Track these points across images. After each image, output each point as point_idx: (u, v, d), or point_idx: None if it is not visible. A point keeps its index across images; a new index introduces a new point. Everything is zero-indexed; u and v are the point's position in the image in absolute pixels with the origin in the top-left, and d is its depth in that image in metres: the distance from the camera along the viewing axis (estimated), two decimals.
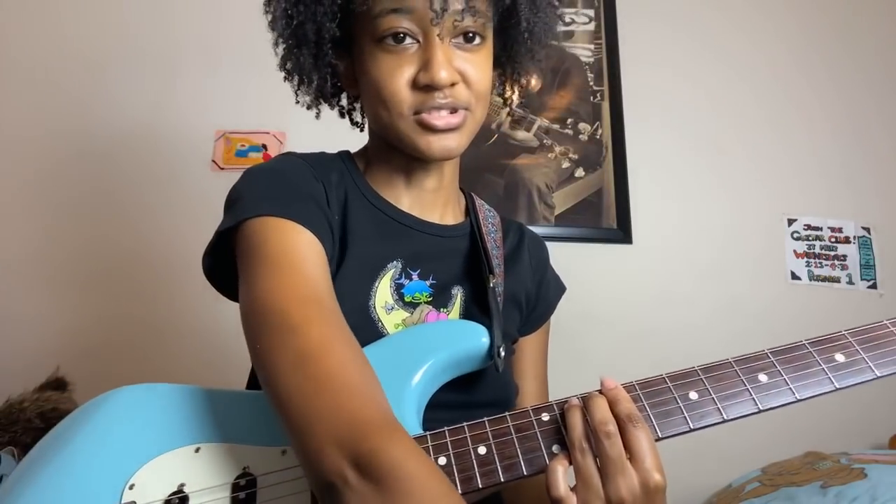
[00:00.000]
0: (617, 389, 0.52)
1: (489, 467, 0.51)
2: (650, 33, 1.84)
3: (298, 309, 0.52)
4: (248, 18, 1.72)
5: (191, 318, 1.49)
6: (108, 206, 1.57)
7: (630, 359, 1.56)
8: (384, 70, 0.61)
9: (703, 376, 0.55)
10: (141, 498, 0.52)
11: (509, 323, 0.74)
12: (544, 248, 0.86)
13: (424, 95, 0.61)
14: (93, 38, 1.67)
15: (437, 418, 0.60)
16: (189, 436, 0.56)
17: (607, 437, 0.48)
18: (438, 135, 0.63)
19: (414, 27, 0.60)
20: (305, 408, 0.45)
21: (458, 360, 0.62)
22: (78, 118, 1.62)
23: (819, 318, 1.64)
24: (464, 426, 0.53)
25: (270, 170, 0.66)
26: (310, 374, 0.47)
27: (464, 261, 0.73)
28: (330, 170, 0.70)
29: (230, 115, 1.64)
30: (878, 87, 1.85)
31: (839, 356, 0.55)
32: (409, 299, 0.67)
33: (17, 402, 1.14)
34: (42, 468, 0.55)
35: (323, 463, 0.43)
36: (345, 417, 0.44)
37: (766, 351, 0.55)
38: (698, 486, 1.34)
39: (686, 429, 0.52)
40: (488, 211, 0.81)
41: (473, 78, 0.63)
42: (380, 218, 0.70)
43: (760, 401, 0.53)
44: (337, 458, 0.42)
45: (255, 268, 0.56)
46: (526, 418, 0.54)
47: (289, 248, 0.57)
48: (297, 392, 0.46)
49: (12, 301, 1.49)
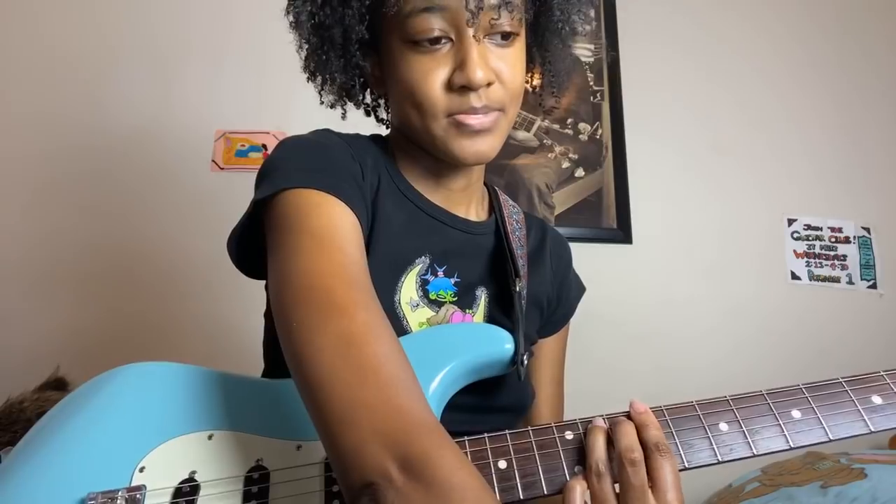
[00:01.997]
0: (647, 414, 0.51)
1: (508, 483, 0.50)
2: (650, 34, 1.84)
3: (345, 290, 0.48)
4: (249, 19, 1.72)
5: (192, 318, 1.49)
6: (108, 206, 1.57)
7: (630, 359, 1.56)
8: (417, 72, 0.58)
9: (735, 407, 0.53)
10: (151, 482, 0.51)
11: (531, 326, 0.73)
12: (567, 249, 0.83)
13: (460, 98, 0.58)
14: (93, 38, 1.67)
15: (452, 420, 0.58)
16: (202, 421, 0.55)
17: (632, 464, 0.47)
18: (472, 139, 0.60)
19: (447, 26, 0.57)
20: (347, 397, 0.41)
21: (480, 366, 0.60)
22: (78, 118, 1.62)
23: (819, 318, 1.64)
24: (485, 437, 0.52)
25: (311, 142, 0.63)
26: (354, 362, 0.43)
27: (488, 260, 0.71)
28: (366, 152, 0.67)
29: (230, 115, 1.64)
30: (878, 87, 1.85)
31: (876, 398, 0.53)
32: (434, 297, 0.65)
33: (17, 402, 1.14)
34: (50, 440, 0.54)
35: (365, 459, 0.39)
36: (392, 414, 0.40)
37: (801, 386, 0.54)
38: (698, 486, 1.33)
39: (714, 461, 0.50)
40: (512, 207, 0.78)
41: (508, 76, 0.60)
42: (410, 209, 0.67)
43: (792, 438, 0.51)
44: (382, 456, 0.38)
45: (296, 241, 0.52)
46: (549, 435, 0.52)
47: (334, 225, 0.53)
48: (338, 379, 0.42)
49: (12, 301, 1.49)
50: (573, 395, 0.84)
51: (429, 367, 0.57)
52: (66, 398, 0.58)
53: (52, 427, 0.56)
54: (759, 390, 0.54)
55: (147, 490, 0.51)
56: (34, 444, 0.55)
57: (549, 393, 0.77)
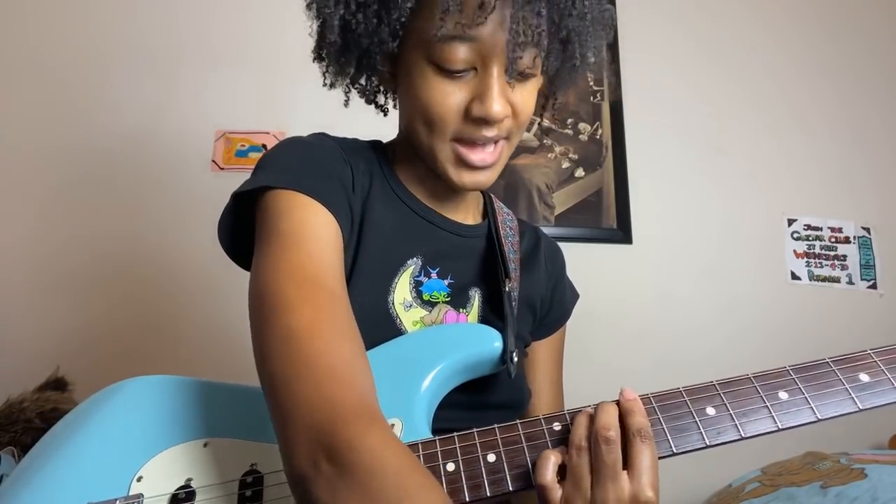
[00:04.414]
0: (634, 402, 0.51)
1: (498, 475, 0.50)
2: (650, 34, 1.84)
3: (295, 289, 0.50)
4: (249, 19, 1.72)
5: (192, 318, 1.49)
6: (108, 206, 1.57)
7: (630, 359, 1.56)
8: (437, 92, 0.58)
9: (721, 391, 0.53)
10: (149, 490, 0.53)
11: (523, 326, 0.74)
12: (560, 254, 0.85)
13: (473, 127, 0.59)
14: (93, 38, 1.67)
15: (448, 418, 0.59)
16: (198, 430, 0.57)
17: (606, 441, 0.48)
18: (472, 171, 0.62)
19: (474, 57, 0.57)
20: (285, 393, 0.44)
21: (470, 364, 0.61)
22: (78, 118, 1.62)
23: (819, 318, 1.64)
24: (473, 432, 0.53)
25: (302, 143, 0.65)
26: (293, 357, 0.45)
27: (480, 262, 0.72)
28: (359, 156, 0.69)
29: (230, 115, 1.64)
30: (879, 87, 1.85)
31: (863, 376, 0.53)
32: (428, 297, 0.67)
33: (17, 402, 1.14)
34: (53, 455, 0.56)
35: (299, 452, 0.41)
36: (322, 405, 0.42)
37: (788, 367, 0.54)
38: (698, 486, 1.33)
39: (702, 445, 0.51)
40: (507, 214, 0.80)
41: (521, 108, 0.61)
42: (403, 211, 0.69)
43: (780, 419, 0.51)
44: (312, 449, 0.40)
45: (266, 244, 0.55)
46: (537, 427, 0.53)
47: (302, 227, 0.56)
48: (279, 375, 0.45)
49: (12, 301, 1.49)
50: (573, 395, 0.84)
51: (421, 367, 0.59)
52: (70, 415, 0.61)
53: (55, 443, 0.58)
54: (746, 374, 0.54)
55: (144, 498, 0.53)
56: (39, 458, 0.57)
57: (548, 396, 0.78)
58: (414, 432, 0.55)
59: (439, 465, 0.51)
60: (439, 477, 0.50)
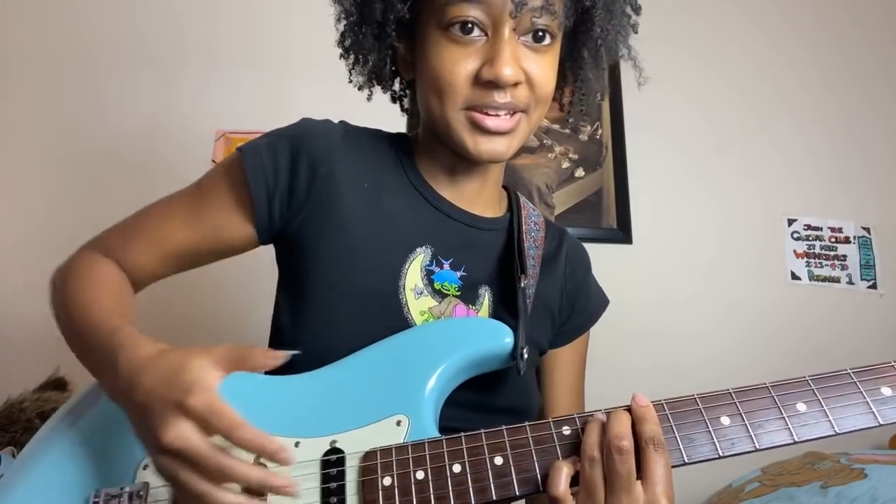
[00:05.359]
0: (647, 409, 0.49)
1: (505, 479, 0.49)
2: (650, 34, 1.83)
3: (109, 230, 0.76)
4: (250, 19, 1.72)
5: (192, 318, 1.49)
6: (108, 206, 1.55)
7: (630, 359, 1.56)
8: (446, 59, 0.58)
9: (737, 400, 0.51)
10: (154, 479, 0.52)
11: (538, 329, 0.71)
12: (585, 257, 0.82)
13: (483, 92, 0.58)
14: (93, 38, 1.67)
15: (453, 416, 0.59)
16: None
17: (619, 452, 0.46)
18: (488, 136, 0.61)
19: (484, 18, 0.57)
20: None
21: (479, 359, 0.60)
22: (78, 118, 1.62)
23: (819, 318, 1.64)
24: (481, 433, 0.52)
25: (292, 126, 0.71)
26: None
27: (497, 257, 0.70)
28: (362, 147, 0.69)
29: (230, 115, 1.64)
30: (878, 87, 1.85)
31: (886, 389, 0.50)
32: (439, 287, 0.66)
33: (17, 402, 1.14)
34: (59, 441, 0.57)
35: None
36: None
37: (807, 378, 0.51)
38: (698, 486, 1.33)
39: (715, 456, 0.49)
40: (532, 210, 0.78)
41: (538, 80, 0.60)
42: (416, 200, 0.68)
43: (797, 431, 0.49)
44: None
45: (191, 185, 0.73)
46: (546, 430, 0.51)
47: (205, 188, 0.74)
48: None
49: (12, 300, 1.49)
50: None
51: (428, 363, 0.58)
52: (72, 401, 0.62)
53: (60, 428, 0.59)
54: (764, 382, 0.52)
55: (150, 487, 0.53)
56: (44, 443, 0.58)
57: (566, 404, 0.75)
58: (421, 430, 0.54)
59: (445, 465, 0.50)
60: (445, 479, 0.50)
